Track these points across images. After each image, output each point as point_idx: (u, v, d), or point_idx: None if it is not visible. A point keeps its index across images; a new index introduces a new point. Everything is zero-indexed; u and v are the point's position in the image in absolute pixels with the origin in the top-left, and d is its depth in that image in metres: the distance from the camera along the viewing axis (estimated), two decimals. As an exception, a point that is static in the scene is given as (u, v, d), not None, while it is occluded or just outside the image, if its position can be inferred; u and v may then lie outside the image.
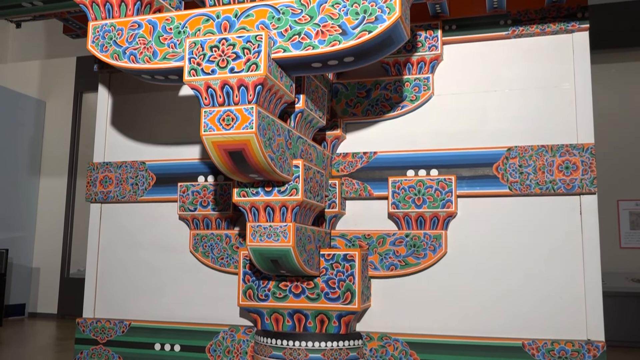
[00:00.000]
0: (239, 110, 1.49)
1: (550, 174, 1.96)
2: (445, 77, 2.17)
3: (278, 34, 1.53)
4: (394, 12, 1.44)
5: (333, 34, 1.48)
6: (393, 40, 1.52)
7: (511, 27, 2.12)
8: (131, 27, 1.66)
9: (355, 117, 2.19)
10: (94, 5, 1.70)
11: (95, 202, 2.45)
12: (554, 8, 2.09)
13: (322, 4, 1.50)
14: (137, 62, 1.64)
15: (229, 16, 1.57)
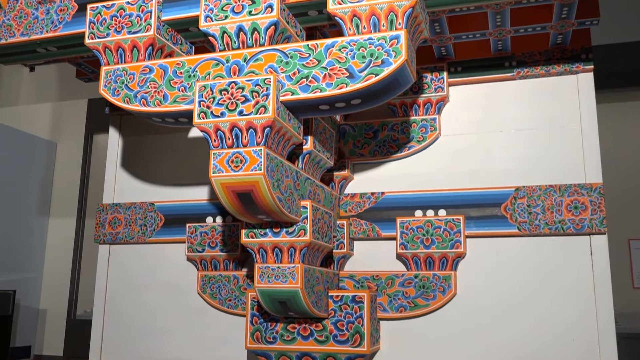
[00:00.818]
0: (248, 152, 1.51)
1: (559, 214, 1.95)
2: (451, 117, 2.19)
3: (286, 77, 1.55)
4: (400, 56, 1.47)
5: (340, 77, 1.51)
6: (399, 83, 1.55)
7: (516, 68, 2.15)
8: (142, 71, 1.70)
9: (363, 158, 2.20)
10: (107, 50, 1.75)
11: (103, 243, 2.45)
12: (558, 50, 2.11)
13: (330, 48, 1.53)
14: (148, 105, 1.67)
15: (238, 60, 1.60)
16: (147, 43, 1.71)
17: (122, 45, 1.73)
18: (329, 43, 1.53)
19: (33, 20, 1.89)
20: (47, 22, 1.87)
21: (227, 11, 1.62)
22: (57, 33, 1.85)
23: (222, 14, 1.63)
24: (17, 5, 1.92)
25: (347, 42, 1.52)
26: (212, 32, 1.64)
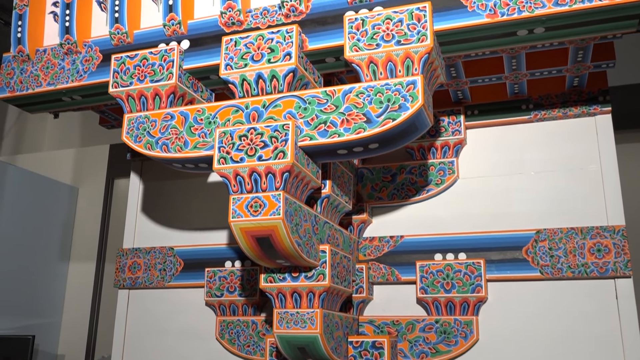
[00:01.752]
0: (267, 197, 1.52)
1: (581, 257, 1.92)
2: (469, 160, 2.19)
3: (304, 123, 1.58)
4: (417, 101, 1.49)
5: (358, 122, 1.53)
6: (417, 127, 1.56)
7: (533, 111, 2.16)
8: (164, 118, 1.73)
9: (381, 201, 2.20)
10: (130, 98, 1.79)
11: (123, 288, 2.46)
12: (575, 92, 2.12)
13: (347, 93, 1.56)
14: (169, 151, 1.70)
15: (257, 107, 1.63)
16: (169, 91, 1.75)
17: (144, 93, 1.77)
18: (347, 89, 1.56)
19: (59, 70, 1.95)
20: (73, 72, 1.93)
21: (247, 59, 1.66)
22: (82, 82, 1.91)
23: (241, 62, 1.67)
24: (45, 56, 1.98)
25: (364, 87, 1.54)
26: (232, 79, 1.68)
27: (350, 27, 1.58)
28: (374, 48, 1.55)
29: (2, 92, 2.02)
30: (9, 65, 2.03)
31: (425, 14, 1.52)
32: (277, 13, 1.72)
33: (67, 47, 1.94)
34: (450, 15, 1.56)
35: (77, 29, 1.93)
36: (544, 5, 1.48)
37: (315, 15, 1.68)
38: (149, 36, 1.86)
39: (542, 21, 1.50)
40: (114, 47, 1.90)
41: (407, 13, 1.54)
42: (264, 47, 1.65)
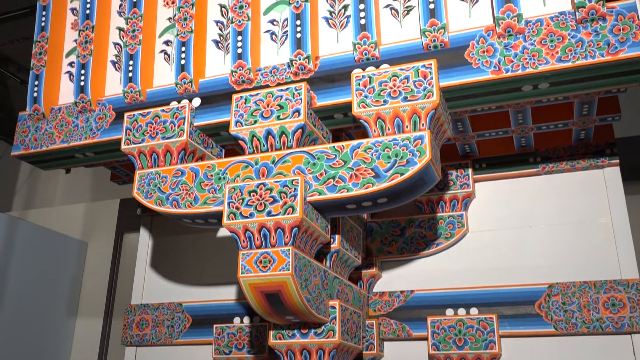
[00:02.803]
0: (276, 252, 1.52)
1: (596, 312, 1.89)
2: (479, 214, 2.19)
3: (313, 178, 1.59)
4: (425, 155, 1.50)
5: (366, 177, 1.54)
6: (425, 182, 1.57)
7: (541, 164, 2.17)
8: (175, 174, 1.75)
9: (391, 256, 2.19)
10: (142, 155, 1.82)
11: (130, 345, 2.43)
12: (582, 145, 2.14)
13: (355, 149, 1.58)
14: (179, 207, 1.72)
15: (266, 162, 1.65)
16: (179, 148, 1.78)
17: (156, 150, 1.80)
18: (355, 144, 1.58)
19: (73, 128, 1.99)
20: (86, 129, 1.98)
21: (257, 116, 1.70)
22: (95, 140, 1.95)
23: (251, 119, 1.70)
24: (59, 114, 2.03)
25: (372, 143, 1.56)
26: (242, 136, 1.71)
27: (358, 84, 1.62)
28: (381, 104, 1.58)
29: (16, 150, 2.06)
30: (25, 124, 2.08)
31: (431, 71, 1.56)
32: (286, 71, 1.77)
33: (82, 105, 1.99)
34: (455, 71, 1.59)
35: (92, 88, 1.98)
36: (547, 61, 1.51)
37: (323, 73, 1.72)
38: (162, 94, 1.91)
39: (547, 77, 1.53)
40: (127, 105, 1.94)
41: (413, 70, 1.57)
42: (273, 104, 1.69)
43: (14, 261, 5.70)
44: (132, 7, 1.97)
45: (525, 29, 1.54)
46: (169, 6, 2.01)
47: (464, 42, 1.60)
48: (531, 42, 1.53)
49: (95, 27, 2.02)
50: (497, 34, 1.56)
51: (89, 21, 2.03)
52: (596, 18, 1.49)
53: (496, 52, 1.56)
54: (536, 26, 1.54)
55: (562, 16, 1.53)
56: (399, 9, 1.72)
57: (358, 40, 1.68)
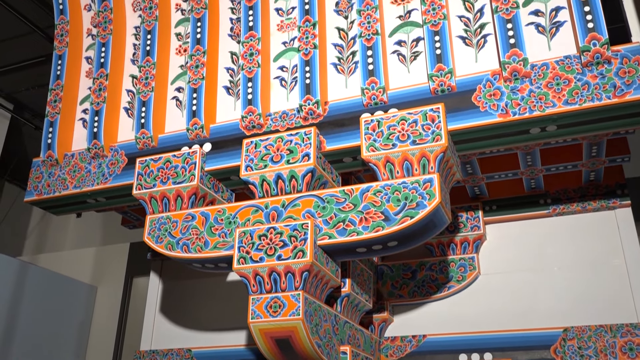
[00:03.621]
0: (286, 296, 1.51)
1: (613, 357, 1.85)
2: (490, 256, 2.17)
3: (323, 222, 1.59)
4: (434, 198, 1.50)
5: (376, 220, 1.54)
6: (435, 224, 1.56)
7: (551, 205, 2.16)
8: (185, 219, 1.76)
9: (402, 299, 2.17)
10: (153, 200, 1.83)
11: (139, 392, 2.39)
12: (592, 186, 2.13)
13: (365, 192, 1.58)
14: (190, 251, 1.72)
15: (276, 206, 1.66)
16: (190, 192, 1.80)
17: (167, 195, 1.82)
18: (364, 188, 1.58)
19: (86, 173, 2.02)
20: (99, 174, 2.00)
21: (267, 161, 1.71)
22: (107, 185, 1.97)
23: (261, 163, 1.72)
24: (73, 160, 2.06)
25: (381, 186, 1.57)
26: (252, 180, 1.72)
27: (367, 128, 1.64)
28: (390, 148, 1.59)
29: (29, 196, 2.09)
30: (38, 170, 2.11)
31: (439, 115, 1.57)
32: (296, 116, 1.79)
33: (94, 151, 2.02)
34: (463, 115, 1.61)
35: (105, 134, 2.01)
36: (554, 104, 1.52)
37: (332, 117, 1.75)
38: (173, 140, 1.94)
39: (554, 119, 1.54)
40: (139, 151, 1.97)
41: (421, 114, 1.59)
42: (283, 148, 1.70)
43: (24, 305, 5.68)
44: (146, 56, 2.02)
45: (531, 73, 1.56)
46: (181, 54, 2.06)
47: (471, 86, 1.62)
48: (538, 85, 1.55)
49: (109, 75, 2.06)
50: (504, 78, 1.58)
51: (103, 69, 2.08)
52: (601, 61, 1.51)
53: (503, 96, 1.57)
54: (542, 70, 1.56)
55: (568, 60, 1.55)
56: (406, 55, 1.75)
57: (366, 86, 1.71)
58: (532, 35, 1.62)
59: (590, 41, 1.51)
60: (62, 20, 2.22)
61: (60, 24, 2.22)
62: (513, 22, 1.60)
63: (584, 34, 1.53)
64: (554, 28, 1.61)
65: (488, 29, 1.68)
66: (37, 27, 4.05)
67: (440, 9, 1.68)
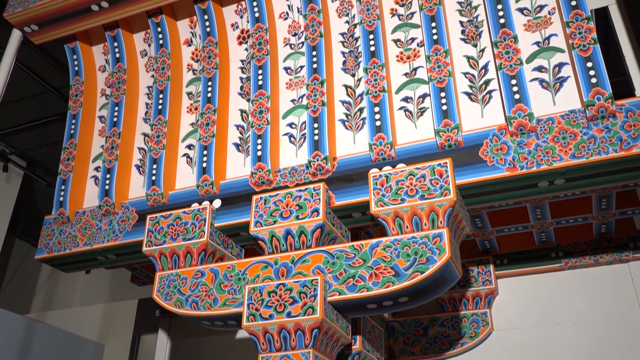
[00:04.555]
0: (296, 355, 1.49)
1: (634, 416, 1.79)
2: (503, 311, 2.13)
3: (333, 278, 1.58)
4: (444, 253, 1.50)
5: (386, 275, 1.53)
6: (446, 280, 1.55)
7: (563, 259, 2.14)
8: (195, 275, 1.76)
9: (414, 356, 2.12)
10: (162, 257, 1.84)
11: None
12: (604, 239, 2.11)
13: (374, 247, 1.58)
14: (199, 309, 1.71)
15: (286, 262, 1.66)
16: (200, 249, 1.80)
17: (176, 251, 1.82)
18: (374, 243, 1.58)
19: (96, 230, 2.03)
20: (109, 232, 2.01)
21: (276, 216, 1.72)
22: (118, 242, 1.98)
23: (271, 219, 1.73)
24: (84, 217, 2.08)
25: (391, 241, 1.57)
26: (261, 236, 1.73)
27: (375, 183, 1.65)
28: (399, 203, 1.60)
29: (40, 253, 2.09)
30: (50, 227, 2.12)
31: (447, 170, 1.58)
32: (305, 172, 1.81)
33: (106, 208, 2.04)
34: (470, 169, 1.62)
35: (116, 192, 2.03)
36: (561, 158, 1.53)
37: (341, 173, 1.76)
38: (183, 196, 1.95)
39: (562, 173, 1.55)
40: (149, 208, 1.99)
41: (429, 169, 1.60)
42: (292, 204, 1.71)
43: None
44: (157, 114, 2.06)
45: (537, 127, 1.58)
46: (192, 112, 2.11)
47: (478, 140, 1.64)
48: (544, 139, 1.57)
49: (121, 133, 2.11)
50: (510, 133, 1.60)
51: (115, 128, 2.12)
52: (606, 115, 1.52)
53: (510, 150, 1.59)
54: (548, 124, 1.58)
55: (573, 114, 1.57)
56: (413, 111, 1.78)
57: (374, 141, 1.73)
58: (536, 90, 1.65)
59: (594, 96, 1.53)
60: (77, 81, 2.28)
61: (75, 84, 2.28)
62: (517, 78, 1.63)
63: (587, 88, 1.55)
64: (557, 83, 1.64)
65: (493, 85, 1.72)
66: (52, 86, 4.15)
67: (446, 66, 1.72)
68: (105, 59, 2.33)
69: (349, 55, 1.93)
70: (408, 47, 1.86)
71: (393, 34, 1.90)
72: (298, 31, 2.03)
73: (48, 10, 2.15)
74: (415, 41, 1.86)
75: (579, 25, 1.61)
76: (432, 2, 1.81)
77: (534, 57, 1.69)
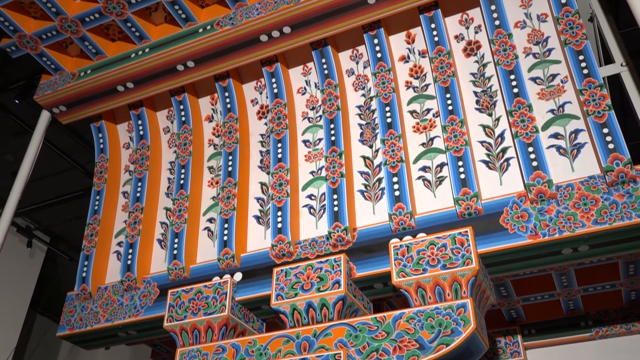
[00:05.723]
0: None
1: None
2: (534, 384, 2.06)
3: (356, 352, 1.55)
4: (469, 324, 1.46)
5: (411, 348, 1.49)
6: (472, 352, 1.51)
7: (593, 328, 2.07)
8: (216, 351, 1.73)
9: None
10: (183, 332, 1.82)
11: None
12: (635, 306, 2.05)
13: (397, 319, 1.55)
14: (220, 386, 1.67)
15: (308, 336, 1.63)
16: (221, 323, 1.78)
17: (197, 326, 1.80)
18: (397, 314, 1.56)
19: (118, 306, 2.03)
20: (130, 307, 2.01)
21: (297, 289, 1.71)
22: (139, 317, 1.97)
23: (292, 292, 1.71)
24: (106, 293, 2.08)
25: (414, 312, 1.54)
26: (283, 309, 1.71)
27: (396, 253, 1.64)
28: (421, 273, 1.58)
29: (62, 330, 2.09)
30: (72, 304, 2.13)
31: (468, 238, 1.57)
32: (325, 243, 1.81)
33: (127, 283, 2.04)
34: (492, 238, 1.61)
35: (138, 267, 2.04)
36: (584, 224, 1.52)
37: (361, 244, 1.76)
38: (204, 270, 1.96)
39: (585, 239, 1.53)
40: (171, 282, 1.99)
41: (450, 238, 1.59)
42: (313, 276, 1.71)
43: None
44: (180, 189, 2.10)
45: (557, 194, 1.58)
46: (213, 186, 2.14)
47: (498, 208, 1.63)
48: (565, 206, 1.56)
49: (144, 208, 2.14)
50: (530, 200, 1.60)
51: (138, 203, 2.16)
52: (627, 180, 1.52)
53: (531, 217, 1.58)
54: (567, 190, 1.57)
55: (592, 180, 1.56)
56: (431, 180, 1.79)
57: (393, 211, 1.73)
58: (554, 157, 1.66)
59: (612, 161, 1.54)
60: (102, 159, 2.35)
61: (100, 161, 2.34)
62: (534, 146, 1.65)
63: (605, 154, 1.55)
64: (575, 150, 1.65)
65: (510, 152, 1.73)
66: (77, 162, 4.25)
67: (462, 136, 1.74)
68: (129, 136, 2.41)
69: (366, 127, 1.97)
70: (424, 117, 1.90)
71: (409, 105, 1.94)
72: (316, 105, 2.09)
73: (76, 92, 2.24)
74: (430, 112, 1.90)
75: (592, 92, 1.64)
76: (445, 74, 1.85)
77: (550, 124, 1.71)
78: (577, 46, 1.72)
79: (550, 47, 1.82)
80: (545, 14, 1.86)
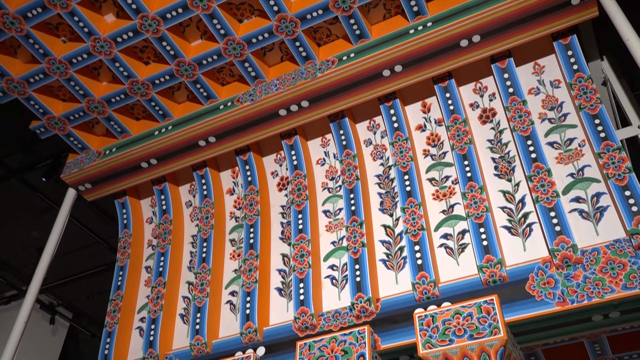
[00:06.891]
0: None
1: None
2: None
3: None
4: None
5: None
6: None
7: (632, 398, 1.98)
8: None
9: None
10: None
11: None
12: (674, 374, 1.97)
13: (426, 393, 1.50)
14: None
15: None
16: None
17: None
18: (425, 388, 1.51)
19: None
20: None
21: (321, 363, 1.67)
22: None
23: (316, 366, 1.67)
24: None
25: (443, 386, 1.49)
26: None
27: (421, 324, 1.61)
28: (447, 344, 1.54)
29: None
30: (99, 385, 2.10)
31: (494, 307, 1.54)
32: (349, 315, 1.78)
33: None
34: (519, 305, 1.57)
35: (160, 342, 2.02)
36: (612, 290, 1.48)
37: (385, 314, 1.73)
38: (227, 345, 1.93)
39: (615, 305, 1.49)
40: (193, 358, 1.96)
41: (475, 307, 1.56)
42: (337, 349, 1.67)
43: None
44: (202, 262, 2.11)
45: (582, 259, 1.55)
46: (234, 259, 2.15)
47: (523, 275, 1.61)
48: (591, 271, 1.53)
49: (166, 283, 2.14)
50: (555, 265, 1.57)
51: (161, 277, 2.16)
52: (653, 243, 1.49)
53: (557, 284, 1.55)
54: (593, 255, 1.55)
55: (618, 244, 1.54)
56: (453, 247, 1.78)
57: (417, 280, 1.71)
58: (577, 221, 1.64)
59: (637, 224, 1.52)
60: (126, 234, 2.37)
61: (123, 237, 2.37)
62: (556, 210, 1.64)
63: (629, 217, 1.54)
64: (598, 213, 1.63)
65: (532, 217, 1.72)
66: (101, 237, 4.29)
67: (482, 202, 1.74)
68: (152, 211, 2.44)
69: (386, 196, 1.98)
70: (443, 185, 1.91)
71: (427, 173, 1.96)
72: (335, 175, 2.11)
73: (101, 170, 2.30)
74: (449, 179, 1.90)
75: (611, 155, 1.64)
76: (462, 142, 1.87)
77: (570, 188, 1.71)
78: (592, 110, 1.74)
79: (566, 112, 1.84)
80: (558, 80, 1.90)
